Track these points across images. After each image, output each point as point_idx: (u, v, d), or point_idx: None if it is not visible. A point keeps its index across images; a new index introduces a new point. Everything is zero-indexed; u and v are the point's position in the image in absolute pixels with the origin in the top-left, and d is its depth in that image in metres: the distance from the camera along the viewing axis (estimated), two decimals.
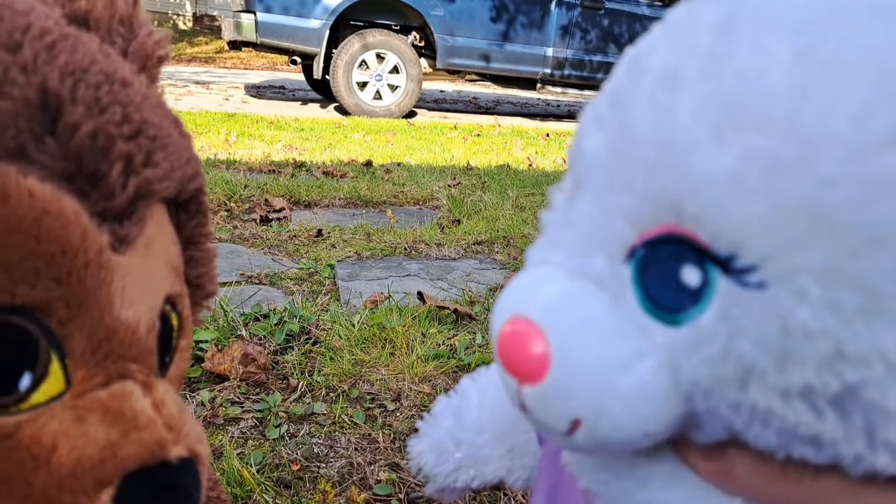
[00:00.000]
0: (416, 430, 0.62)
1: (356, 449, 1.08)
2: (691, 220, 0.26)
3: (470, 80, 5.62)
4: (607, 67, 5.49)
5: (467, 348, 1.41)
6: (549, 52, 5.33)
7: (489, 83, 5.77)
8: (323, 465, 1.04)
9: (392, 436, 1.12)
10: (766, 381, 0.25)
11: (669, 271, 0.28)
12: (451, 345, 1.42)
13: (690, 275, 0.27)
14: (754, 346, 0.25)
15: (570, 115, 6.29)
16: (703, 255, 0.26)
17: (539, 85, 5.55)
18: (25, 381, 0.26)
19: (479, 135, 4.33)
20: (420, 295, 1.63)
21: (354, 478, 1.01)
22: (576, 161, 0.32)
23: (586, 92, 5.66)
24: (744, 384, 0.26)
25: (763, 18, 0.26)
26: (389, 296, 1.63)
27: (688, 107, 0.26)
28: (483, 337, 1.47)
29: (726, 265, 0.26)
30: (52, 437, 0.27)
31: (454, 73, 5.58)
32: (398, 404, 1.20)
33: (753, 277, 0.25)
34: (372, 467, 1.04)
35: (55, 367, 0.27)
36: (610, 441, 0.29)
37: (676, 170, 0.26)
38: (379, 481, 1.01)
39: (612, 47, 5.49)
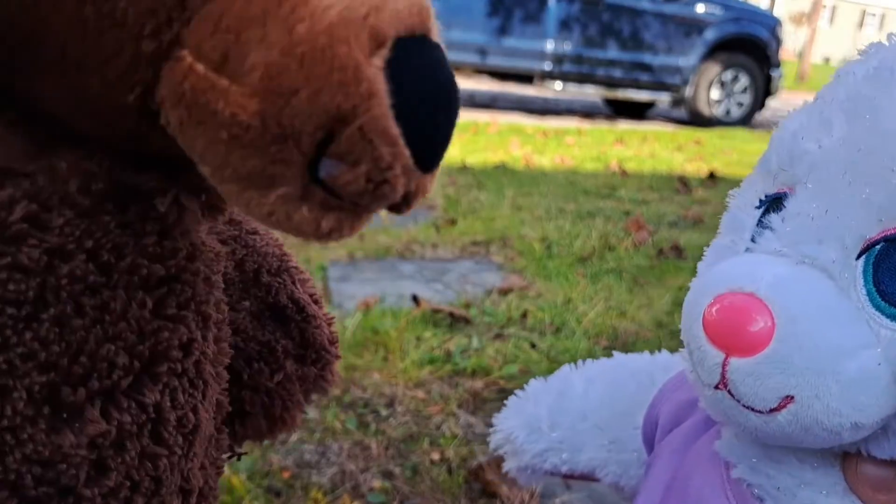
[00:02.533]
0: (411, 435, 0.61)
1: (348, 456, 1.07)
2: None
3: (466, 76, 5.61)
4: (608, 63, 5.48)
5: (463, 352, 1.40)
6: (548, 46, 5.31)
7: (485, 77, 5.74)
8: (314, 472, 1.02)
9: (385, 442, 1.11)
10: None
11: None
12: (446, 349, 1.41)
13: None
14: None
15: (569, 111, 6.28)
16: None
17: (537, 80, 5.53)
18: None
19: (475, 132, 4.31)
20: (414, 297, 1.62)
21: (346, 485, 1.00)
22: (792, 162, 0.34)
23: (586, 88, 5.65)
24: None
25: None
26: (383, 298, 1.62)
27: None
28: (479, 341, 1.46)
29: None
30: None
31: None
32: (391, 410, 1.19)
33: None
34: (365, 475, 1.03)
35: None
36: (816, 425, 0.29)
37: None
38: (372, 489, 1.00)
39: (612, 42, 5.47)
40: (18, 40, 0.24)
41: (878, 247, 0.30)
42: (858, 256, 0.30)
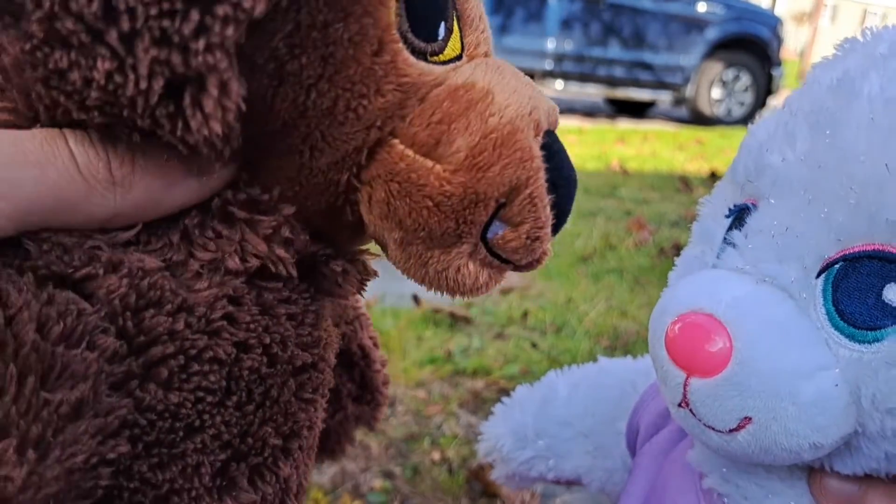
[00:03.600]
0: (412, 435, 0.61)
1: (348, 456, 1.07)
2: None
3: None
4: (609, 62, 5.47)
5: (463, 352, 1.40)
6: (549, 45, 5.31)
7: None
8: (315, 471, 1.02)
9: (386, 442, 1.10)
10: None
11: (868, 288, 0.29)
12: (446, 349, 1.40)
13: (894, 293, 0.28)
14: None
15: (570, 110, 6.27)
16: None
17: (538, 79, 5.52)
18: (441, 30, 0.30)
19: None
20: (415, 297, 1.61)
21: (347, 485, 1.00)
22: (757, 174, 0.34)
23: (587, 87, 5.64)
24: None
25: None
26: (383, 298, 1.62)
27: None
28: (480, 341, 1.46)
29: None
30: (484, 83, 0.31)
31: None
32: (392, 410, 1.19)
33: None
34: (365, 474, 1.03)
35: (456, 27, 0.32)
36: (775, 445, 0.30)
37: None
38: (372, 489, 1.00)
39: (613, 41, 5.46)
40: (277, 127, 0.28)
41: (836, 266, 0.29)
42: (818, 275, 0.30)
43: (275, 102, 0.28)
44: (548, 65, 5.39)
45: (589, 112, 6.17)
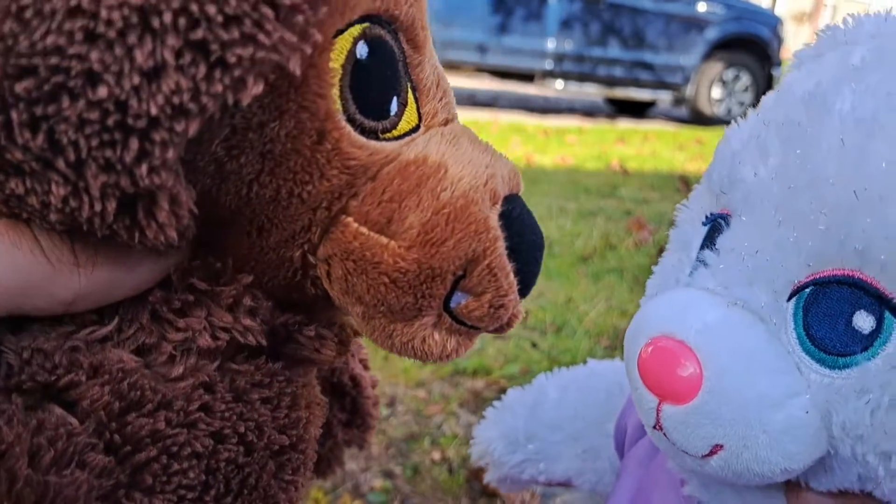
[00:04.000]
0: (412, 435, 0.61)
1: (349, 455, 1.07)
2: (876, 268, 0.27)
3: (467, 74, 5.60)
4: (609, 62, 5.47)
5: None
6: (550, 45, 5.31)
7: (486, 76, 5.74)
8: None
9: (386, 442, 1.10)
10: None
11: (839, 314, 0.28)
12: None
13: (864, 320, 0.27)
14: None
15: (570, 110, 6.27)
16: (881, 302, 0.27)
17: (538, 79, 5.52)
18: (393, 106, 0.30)
19: (476, 131, 4.31)
20: None
21: (347, 485, 1.00)
22: (730, 186, 0.33)
23: (587, 87, 5.64)
24: None
25: None
26: None
27: (885, 156, 0.27)
28: (480, 340, 1.46)
29: None
30: (436, 156, 0.31)
31: (452, 67, 5.56)
32: (392, 410, 1.19)
33: None
34: (365, 474, 1.03)
35: (411, 98, 0.32)
36: (747, 471, 0.29)
37: (869, 217, 0.26)
38: (372, 489, 1.00)
39: (613, 41, 5.46)
40: (226, 214, 0.29)
41: (807, 291, 0.29)
42: (789, 299, 0.29)
43: (219, 197, 0.28)
44: (548, 65, 5.39)
45: (589, 112, 6.17)
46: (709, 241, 0.34)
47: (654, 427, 0.31)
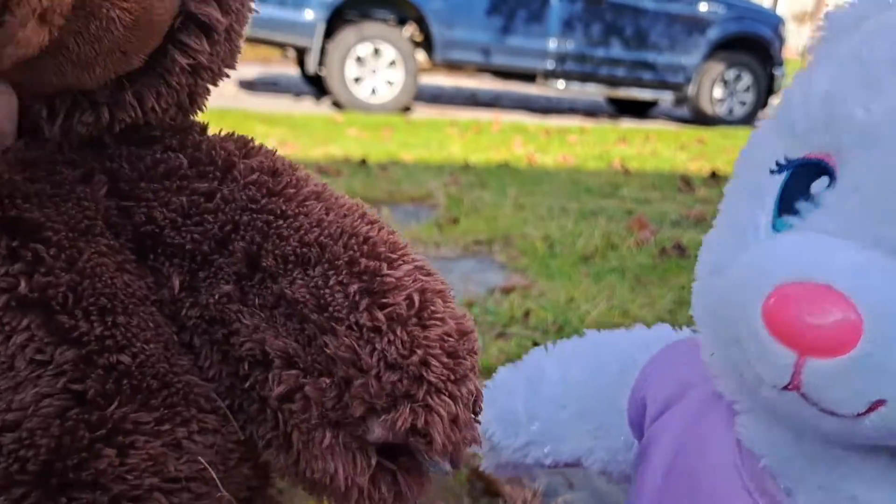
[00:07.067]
0: None
1: None
2: None
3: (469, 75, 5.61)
4: (610, 62, 5.47)
5: None
6: (551, 45, 5.30)
7: (488, 76, 5.73)
8: None
9: None
10: None
11: None
12: None
13: None
14: None
15: (571, 110, 6.27)
16: None
17: (540, 79, 5.52)
18: None
19: (477, 131, 4.31)
20: None
21: None
22: (830, 126, 0.30)
23: (589, 87, 5.64)
24: None
25: None
26: None
27: None
28: (481, 340, 1.45)
29: None
30: None
31: (454, 67, 5.55)
32: None
33: None
34: None
35: None
36: None
37: None
38: None
39: (614, 41, 5.46)
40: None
41: None
42: None
43: None
44: (550, 65, 5.39)
45: (591, 112, 6.17)
46: (797, 186, 0.31)
47: (788, 387, 0.28)
